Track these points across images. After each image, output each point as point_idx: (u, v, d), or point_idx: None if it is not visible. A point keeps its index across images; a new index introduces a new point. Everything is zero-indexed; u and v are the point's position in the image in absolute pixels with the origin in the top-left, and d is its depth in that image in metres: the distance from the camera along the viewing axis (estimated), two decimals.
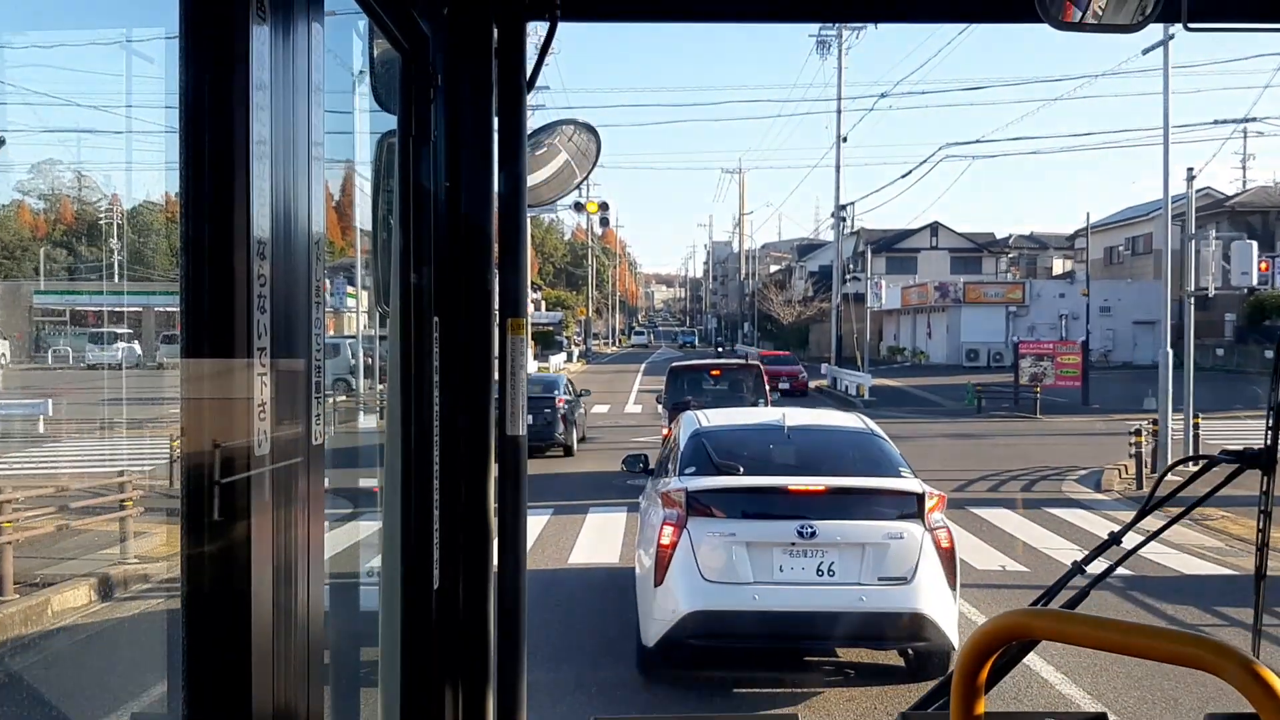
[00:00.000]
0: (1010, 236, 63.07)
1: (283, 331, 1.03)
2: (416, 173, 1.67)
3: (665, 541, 5.73)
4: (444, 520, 1.72)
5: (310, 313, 1.10)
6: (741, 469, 6.20)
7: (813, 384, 35.25)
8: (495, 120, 1.78)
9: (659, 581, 5.71)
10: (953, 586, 5.77)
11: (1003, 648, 1.11)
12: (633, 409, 27.93)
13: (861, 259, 43.93)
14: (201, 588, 0.96)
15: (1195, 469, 1.75)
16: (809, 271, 63.47)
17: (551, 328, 54.86)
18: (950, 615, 5.70)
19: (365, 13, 1.49)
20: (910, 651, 6.16)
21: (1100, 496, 13.94)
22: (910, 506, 5.83)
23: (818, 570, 5.66)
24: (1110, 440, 18.58)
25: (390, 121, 1.69)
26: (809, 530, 5.64)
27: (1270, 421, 1.68)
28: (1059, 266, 59.40)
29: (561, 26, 1.81)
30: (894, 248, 53.92)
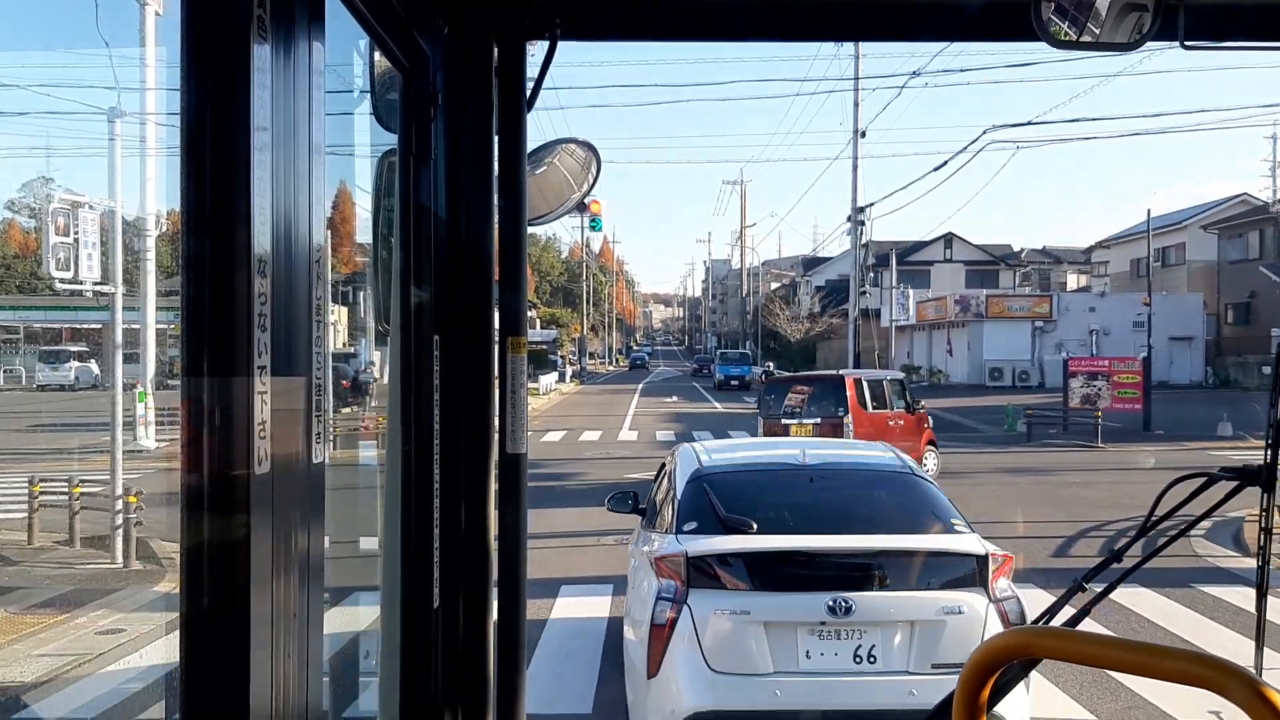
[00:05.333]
0: (1023, 251, 63.38)
1: (283, 350, 1.10)
2: (417, 191, 1.79)
3: (661, 621, 4.81)
4: (444, 539, 1.84)
5: (311, 331, 1.18)
6: (755, 525, 5.22)
7: None
8: (495, 139, 1.92)
9: (654, 672, 4.81)
10: None
11: (1004, 667, 1.20)
12: (627, 435, 26.45)
13: (875, 272, 43.95)
14: (200, 606, 1.02)
15: (1196, 486, 1.87)
16: (815, 286, 63.74)
17: (545, 346, 55.14)
18: (1023, 711, 4.76)
19: (366, 32, 1.59)
20: None
21: (1251, 562, 10.73)
22: (969, 571, 4.91)
23: (855, 656, 4.71)
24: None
25: (391, 140, 1.81)
26: (844, 605, 4.68)
27: (1269, 439, 1.81)
28: (1073, 281, 59.57)
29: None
30: (906, 260, 53.80)
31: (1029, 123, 51.90)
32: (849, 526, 5.27)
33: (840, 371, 18.85)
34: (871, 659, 4.72)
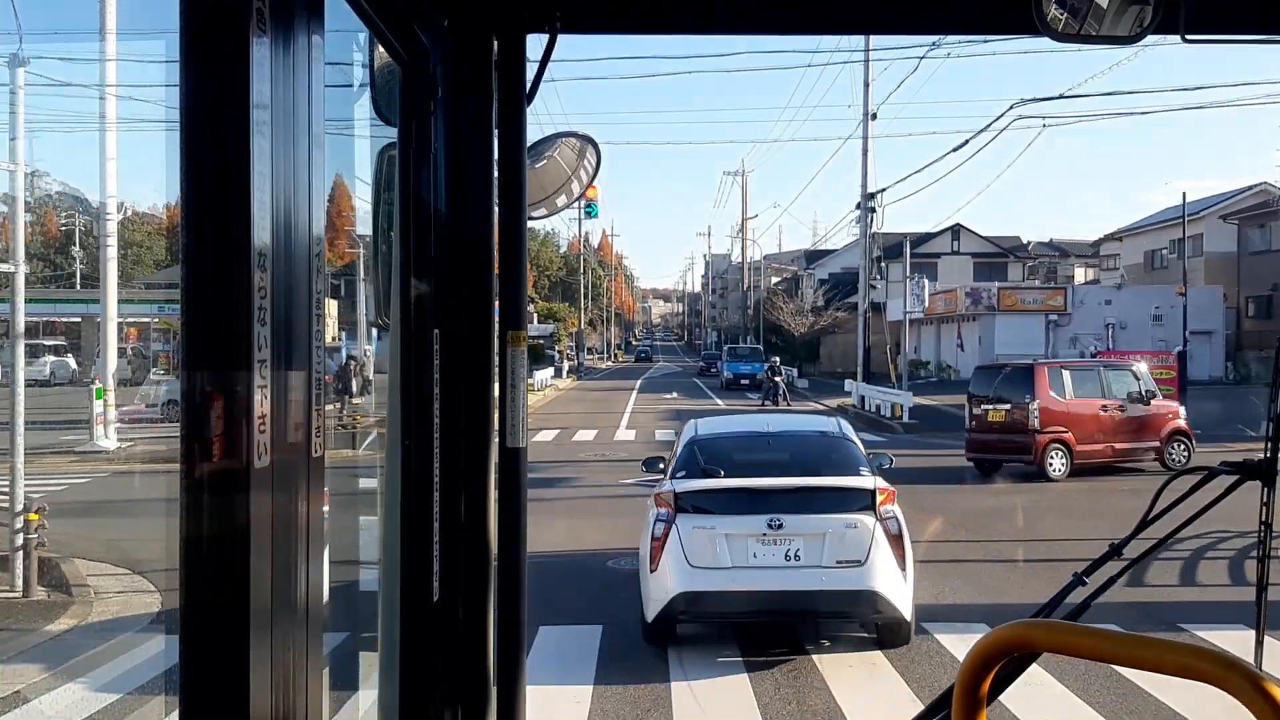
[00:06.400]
0: (1030, 244, 63.39)
1: (283, 344, 1.13)
2: (417, 185, 1.85)
3: (658, 535, 7.49)
4: (444, 533, 1.90)
5: (310, 325, 1.22)
6: (723, 471, 7.92)
7: (834, 403, 34.32)
8: (495, 133, 1.98)
9: (654, 569, 7.47)
10: (903, 568, 7.40)
11: (1004, 660, 1.23)
12: (625, 435, 25.41)
13: (882, 264, 43.74)
14: (200, 601, 1.06)
15: (1197, 480, 1.94)
16: (818, 280, 63.69)
17: (542, 341, 55.40)
18: (900, 592, 7.37)
19: (366, 25, 1.64)
20: (877, 623, 7.72)
21: None
22: (865, 500, 7.53)
23: (785, 556, 7.35)
24: None
25: (391, 134, 1.87)
26: (777, 523, 7.33)
27: (1269, 433, 1.88)
28: (1080, 275, 59.48)
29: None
30: (913, 252, 53.55)
31: (1060, 96, 48.77)
32: (790, 471, 8.00)
33: (1036, 359, 20.45)
34: (797, 557, 7.33)
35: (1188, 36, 1.90)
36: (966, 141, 28.11)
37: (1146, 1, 1.86)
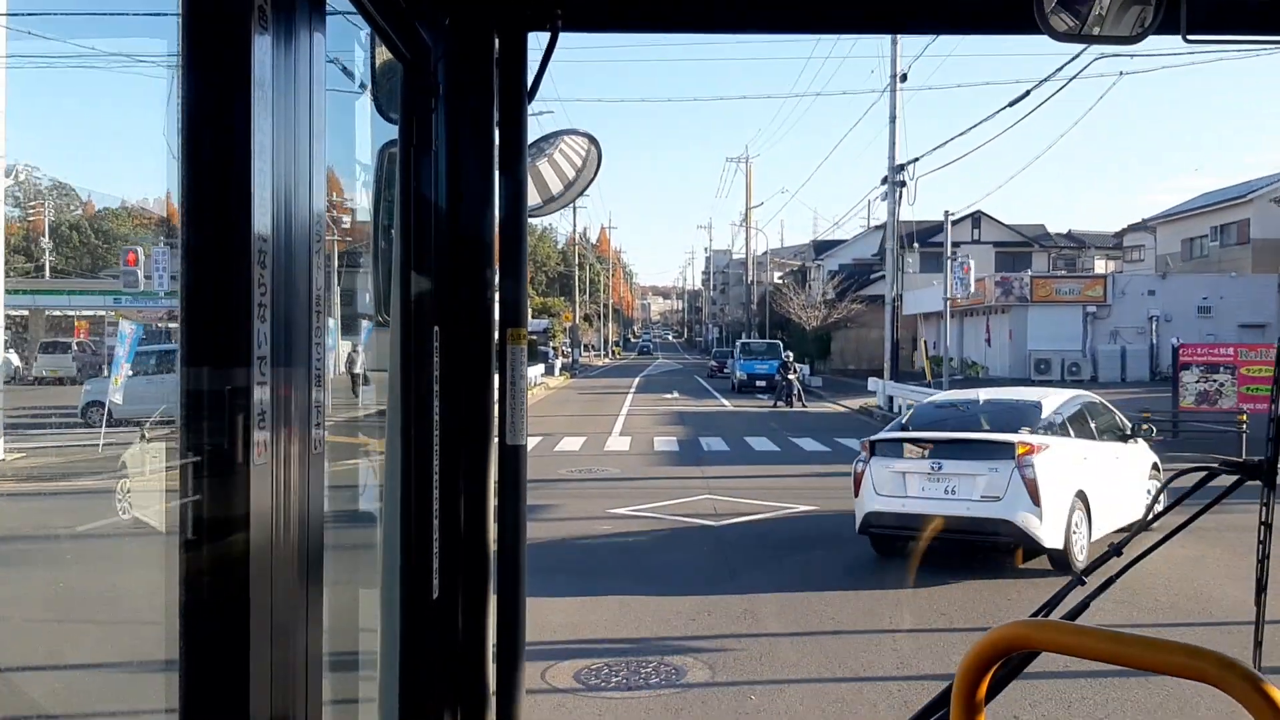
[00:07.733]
0: (1052, 235, 63.66)
1: (283, 340, 1.21)
2: (417, 182, 2.01)
3: (859, 471, 11.37)
4: (443, 530, 2.06)
5: (311, 322, 1.32)
6: (910, 428, 11.71)
7: (857, 404, 32.92)
8: (496, 130, 2.15)
9: (856, 494, 11.37)
10: (1037, 504, 10.24)
11: (1002, 660, 1.35)
12: (617, 444, 23.15)
13: (904, 247, 43.25)
14: (200, 598, 1.16)
15: (1197, 480, 2.10)
16: (828, 271, 63.68)
17: (536, 336, 55.64)
18: (1033, 524, 10.26)
19: (367, 22, 1.79)
20: (1014, 544, 10.70)
21: None
22: (1007, 452, 10.49)
23: (944, 490, 10.78)
24: None
25: (391, 131, 2.03)
26: (938, 465, 10.82)
27: (1270, 433, 2.04)
28: (1101, 267, 59.40)
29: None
30: (929, 241, 52.19)
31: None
32: (962, 429, 11.44)
33: None
34: (953, 492, 10.71)
35: (1189, 37, 2.05)
36: (1028, 93, 24.70)
37: (1147, 1, 2.02)
